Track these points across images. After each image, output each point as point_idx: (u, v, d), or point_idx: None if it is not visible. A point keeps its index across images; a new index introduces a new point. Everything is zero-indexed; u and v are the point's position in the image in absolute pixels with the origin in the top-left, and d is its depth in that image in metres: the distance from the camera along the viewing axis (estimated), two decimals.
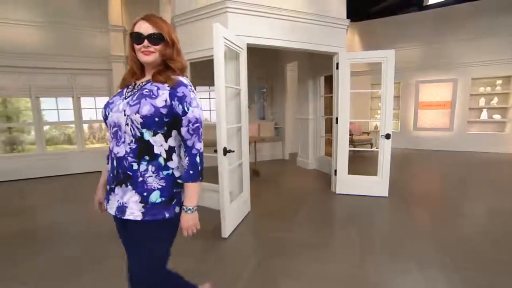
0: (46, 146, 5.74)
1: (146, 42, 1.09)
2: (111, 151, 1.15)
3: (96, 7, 5.50)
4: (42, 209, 3.66)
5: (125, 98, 1.12)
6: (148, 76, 1.17)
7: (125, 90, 1.18)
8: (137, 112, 1.05)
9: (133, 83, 1.18)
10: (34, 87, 5.26)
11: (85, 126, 6.39)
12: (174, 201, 1.15)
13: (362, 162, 5.95)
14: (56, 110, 5.80)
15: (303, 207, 3.50)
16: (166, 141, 1.13)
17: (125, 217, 1.10)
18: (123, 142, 1.11)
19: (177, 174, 1.16)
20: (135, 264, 1.18)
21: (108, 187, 1.19)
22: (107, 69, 5.59)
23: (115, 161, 1.13)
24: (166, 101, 1.08)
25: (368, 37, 8.03)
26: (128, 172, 1.10)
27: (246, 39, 3.08)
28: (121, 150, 1.11)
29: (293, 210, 3.40)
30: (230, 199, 2.75)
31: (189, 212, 1.14)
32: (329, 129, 5.79)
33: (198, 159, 1.13)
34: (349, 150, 3.90)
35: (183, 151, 1.18)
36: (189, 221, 1.14)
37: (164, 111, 1.07)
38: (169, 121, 1.11)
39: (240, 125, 3.00)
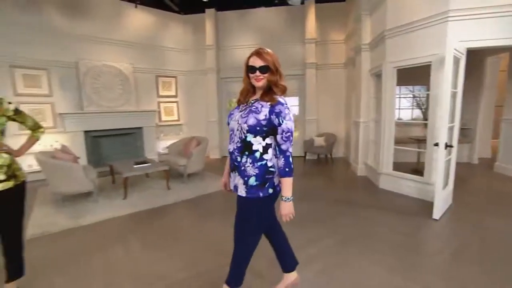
0: None
1: (258, 73, 1.45)
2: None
3: (296, 26, 6.96)
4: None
5: (240, 111, 1.52)
6: (257, 95, 1.53)
7: (241, 106, 1.57)
8: (245, 122, 1.44)
9: (247, 101, 1.55)
10: None
11: None
12: (267, 184, 1.48)
13: None
14: None
15: None
16: (263, 139, 1.47)
17: (238, 194, 1.53)
18: (233, 141, 1.52)
19: (269, 164, 1.48)
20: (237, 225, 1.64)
21: (230, 172, 1.63)
22: (301, 74, 6.98)
23: (230, 155, 1.57)
24: (266, 115, 1.42)
25: None
26: (235, 163, 1.52)
27: (466, 44, 3.26)
28: (231, 147, 1.54)
29: (506, 212, 3.33)
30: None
31: (286, 201, 1.48)
32: None
33: (290, 159, 1.45)
34: None
35: (277, 149, 1.49)
36: (285, 208, 1.49)
37: (264, 122, 1.42)
38: (268, 129, 1.45)
39: (453, 124, 3.27)
